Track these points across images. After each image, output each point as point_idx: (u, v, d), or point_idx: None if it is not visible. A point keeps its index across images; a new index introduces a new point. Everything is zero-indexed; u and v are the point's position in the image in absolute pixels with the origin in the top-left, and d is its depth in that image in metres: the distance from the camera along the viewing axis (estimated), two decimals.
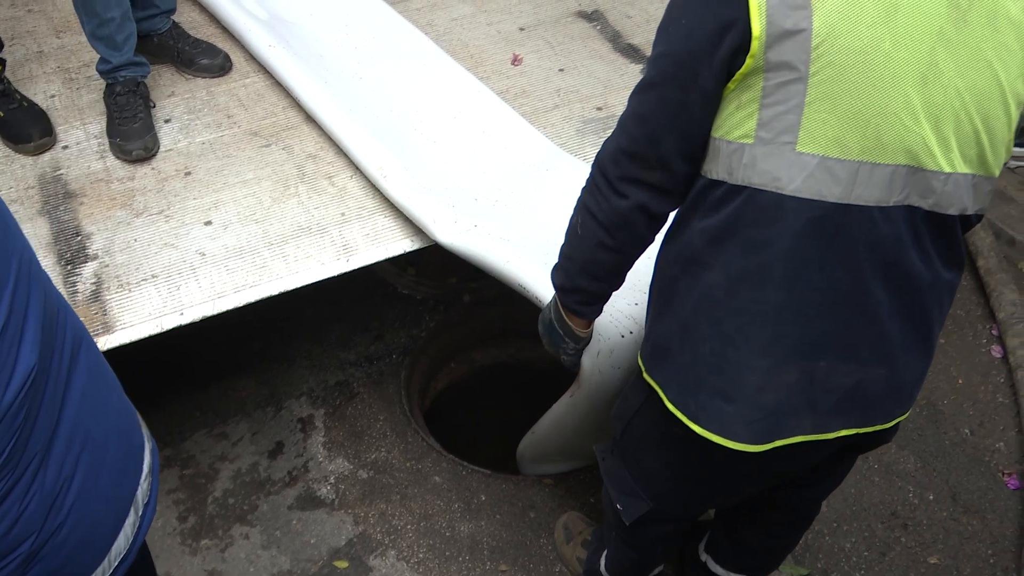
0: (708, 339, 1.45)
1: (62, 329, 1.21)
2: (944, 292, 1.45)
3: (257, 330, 3.19)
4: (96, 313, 2.22)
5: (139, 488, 1.35)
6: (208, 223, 2.50)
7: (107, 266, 2.34)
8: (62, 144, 2.73)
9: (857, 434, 1.55)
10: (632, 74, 3.05)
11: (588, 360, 1.98)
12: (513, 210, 2.43)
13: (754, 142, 1.29)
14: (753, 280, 1.37)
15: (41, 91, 2.90)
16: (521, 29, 3.28)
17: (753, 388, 1.43)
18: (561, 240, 1.65)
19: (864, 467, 2.79)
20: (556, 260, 1.68)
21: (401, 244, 2.42)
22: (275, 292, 2.32)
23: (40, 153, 2.69)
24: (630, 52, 3.16)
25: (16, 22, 3.18)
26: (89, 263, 2.34)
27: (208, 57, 3.02)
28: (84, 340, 1.28)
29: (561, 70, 3.07)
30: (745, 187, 1.32)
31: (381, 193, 2.52)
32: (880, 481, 2.74)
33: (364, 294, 3.32)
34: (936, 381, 3.04)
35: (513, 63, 3.08)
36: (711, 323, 1.44)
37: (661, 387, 1.56)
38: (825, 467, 1.74)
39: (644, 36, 3.21)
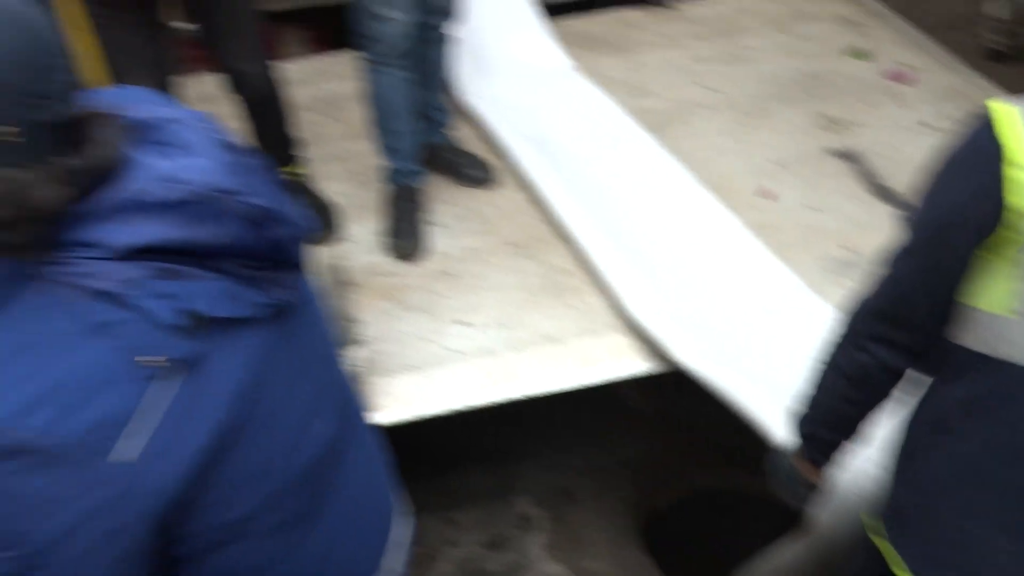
0: (951, 511, 1.43)
1: (350, 401, 1.39)
2: None
3: (493, 423, 3.36)
4: (362, 395, 2.46)
5: (395, 557, 1.48)
6: (463, 323, 2.71)
7: (375, 352, 2.59)
8: (346, 237, 3.06)
9: None
10: (886, 216, 3.03)
11: (818, 510, 1.98)
12: (753, 343, 2.48)
13: (1015, 317, 1.29)
14: (1006, 456, 1.35)
15: (332, 188, 3.27)
16: (773, 163, 3.35)
17: (997, 570, 1.40)
18: (798, 380, 1.69)
19: None
20: (793, 402, 1.72)
21: (641, 365, 2.52)
22: (517, 396, 2.48)
23: (328, 244, 3.03)
24: (885, 194, 3.15)
25: (319, 126, 3.61)
26: (360, 348, 2.60)
27: (476, 169, 3.30)
28: (364, 412, 1.46)
29: (812, 207, 3.10)
30: (1003, 361, 1.32)
31: (625, 313, 2.64)
32: None
33: (596, 403, 3.43)
34: None
35: (762, 196, 3.16)
36: (956, 495, 1.42)
37: (898, 552, 1.54)
38: None
39: (900, 178, 3.19)
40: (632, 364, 2.53)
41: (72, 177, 0.96)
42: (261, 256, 1.10)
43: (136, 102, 1.12)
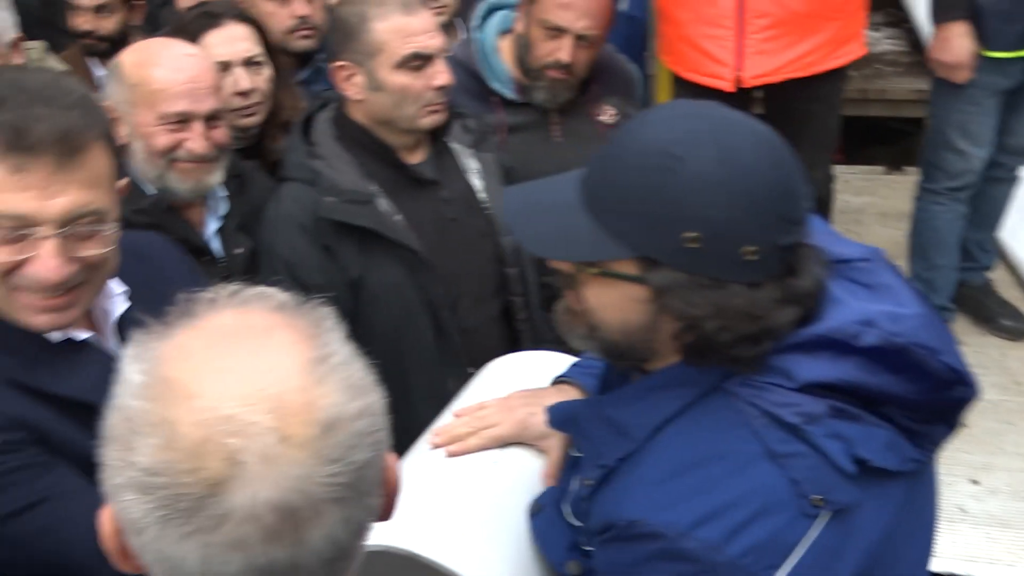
0: None
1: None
2: None
3: None
4: None
5: None
6: (972, 481, 2.49)
7: None
8: None
9: None
10: None
11: None
12: None
13: None
14: None
15: None
16: None
17: None
18: None
19: None
20: None
21: None
22: None
23: None
24: None
25: None
26: None
27: (1010, 319, 3.04)
28: None
29: None
30: None
31: None
32: None
33: None
34: None
35: None
36: None
37: None
38: None
39: None
40: None
41: (797, 300, 0.98)
42: (929, 411, 1.04)
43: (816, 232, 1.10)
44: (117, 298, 1.27)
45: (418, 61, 1.75)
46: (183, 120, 1.67)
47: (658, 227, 0.96)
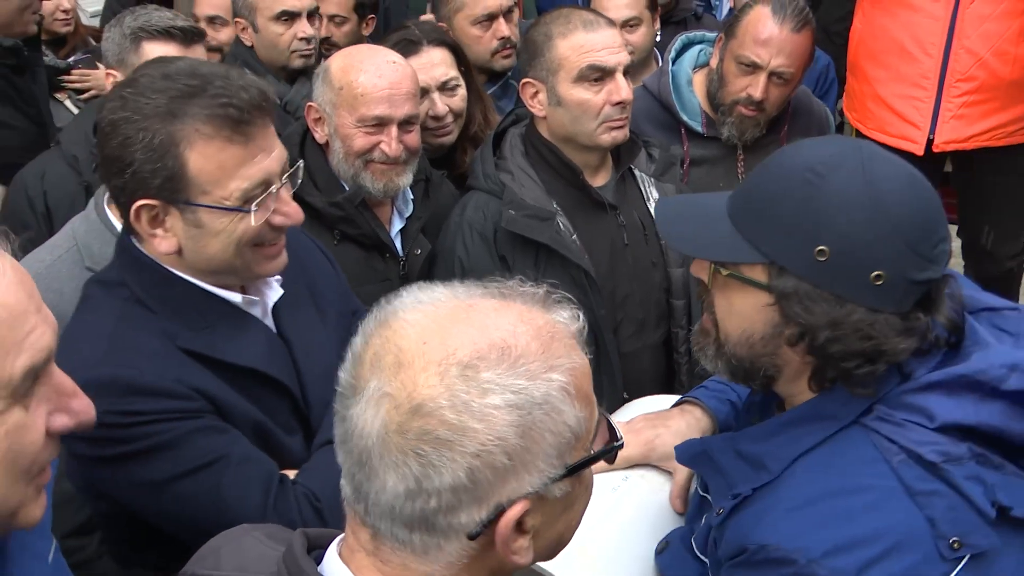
0: None
1: None
2: None
3: None
4: None
5: None
6: None
7: None
8: None
9: None
10: None
11: None
12: None
13: None
14: None
15: None
16: None
17: None
18: None
19: None
20: None
21: None
22: None
23: None
24: None
25: None
26: None
27: None
28: None
29: None
30: None
31: None
32: None
33: None
34: None
35: None
36: None
37: None
38: None
39: None
40: None
41: (920, 334, 0.98)
42: None
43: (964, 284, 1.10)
44: (275, 283, 1.35)
45: (596, 74, 1.78)
46: (380, 124, 1.75)
47: (792, 237, 0.98)
